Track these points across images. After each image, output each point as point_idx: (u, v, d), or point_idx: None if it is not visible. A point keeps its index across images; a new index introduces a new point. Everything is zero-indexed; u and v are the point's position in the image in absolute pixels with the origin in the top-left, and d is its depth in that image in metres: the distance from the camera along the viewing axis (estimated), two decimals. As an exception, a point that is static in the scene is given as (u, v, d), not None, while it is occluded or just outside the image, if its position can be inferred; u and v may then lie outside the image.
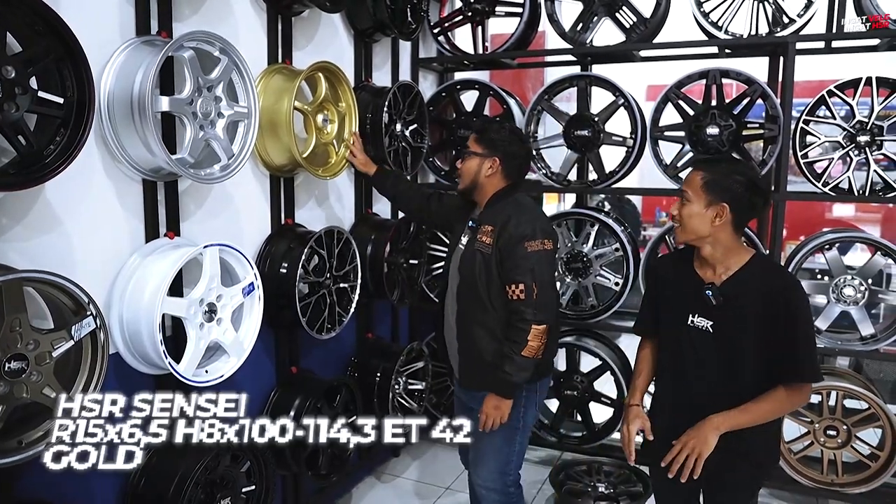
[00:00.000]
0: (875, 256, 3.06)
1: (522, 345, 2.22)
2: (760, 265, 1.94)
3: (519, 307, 2.24)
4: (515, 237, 2.26)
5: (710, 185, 1.89)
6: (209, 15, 2.34)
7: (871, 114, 2.95)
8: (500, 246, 2.28)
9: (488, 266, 2.30)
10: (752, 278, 1.90)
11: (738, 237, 1.94)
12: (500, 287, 2.29)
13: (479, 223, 2.38)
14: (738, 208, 1.88)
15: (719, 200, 1.88)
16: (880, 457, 3.08)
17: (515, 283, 2.24)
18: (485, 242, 2.31)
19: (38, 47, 1.62)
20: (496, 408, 2.29)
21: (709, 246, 1.93)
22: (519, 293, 2.24)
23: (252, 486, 2.35)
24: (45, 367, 1.66)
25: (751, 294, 1.88)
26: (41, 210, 1.83)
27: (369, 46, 3.27)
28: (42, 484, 1.88)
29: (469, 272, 2.34)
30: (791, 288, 1.86)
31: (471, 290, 2.35)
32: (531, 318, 2.22)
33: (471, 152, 2.42)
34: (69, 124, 1.70)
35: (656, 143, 3.30)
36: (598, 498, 3.16)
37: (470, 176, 2.42)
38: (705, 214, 1.89)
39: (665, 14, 3.35)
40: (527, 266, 2.24)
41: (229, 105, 2.18)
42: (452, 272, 2.46)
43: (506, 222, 2.28)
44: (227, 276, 2.26)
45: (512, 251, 2.25)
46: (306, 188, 2.93)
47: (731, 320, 1.92)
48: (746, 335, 1.89)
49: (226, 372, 2.21)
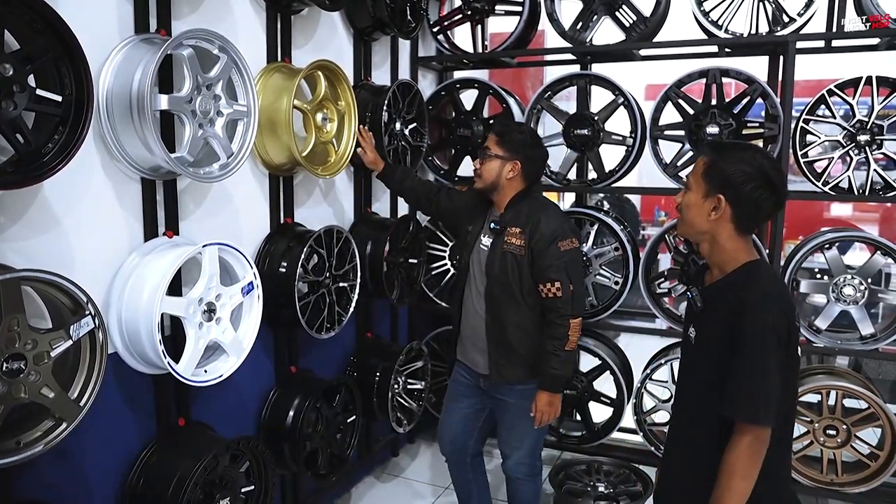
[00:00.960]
0: (875, 256, 3.06)
1: (564, 340, 2.38)
2: (746, 274, 1.63)
3: (556, 304, 2.38)
4: (548, 237, 2.39)
5: (711, 171, 1.63)
6: (208, 13, 2.33)
7: (871, 113, 2.95)
8: (533, 246, 2.40)
9: (521, 266, 2.42)
10: (730, 287, 1.64)
11: (742, 238, 1.65)
12: (532, 285, 2.42)
13: (504, 225, 2.48)
14: (738, 203, 1.60)
15: (717, 191, 1.61)
16: (880, 456, 3.07)
17: (551, 281, 2.38)
18: (515, 244, 2.43)
19: (37, 45, 1.61)
20: (550, 404, 2.45)
21: (707, 244, 1.69)
22: (556, 291, 2.38)
23: (251, 486, 2.34)
24: (44, 366, 1.64)
25: (723, 305, 1.62)
26: (39, 209, 1.82)
27: (368, 45, 3.26)
28: (40, 485, 1.87)
29: (501, 273, 2.45)
30: (749, 307, 1.54)
31: (504, 291, 2.46)
32: (569, 314, 2.38)
33: (493, 154, 2.50)
34: (67, 122, 1.68)
35: (656, 142, 3.30)
36: (597, 497, 3.16)
37: (491, 177, 2.50)
38: (702, 206, 1.64)
39: (665, 13, 3.34)
40: (561, 264, 2.38)
41: (228, 103, 2.17)
42: (476, 273, 2.56)
43: (537, 223, 2.41)
44: (227, 275, 2.25)
45: (545, 251, 2.38)
46: (305, 187, 2.92)
47: (706, 332, 1.70)
48: (712, 352, 1.63)
49: (225, 372, 2.20)
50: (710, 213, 1.63)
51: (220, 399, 2.47)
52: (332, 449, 2.85)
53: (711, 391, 1.60)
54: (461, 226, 2.73)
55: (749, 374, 1.52)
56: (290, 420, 2.64)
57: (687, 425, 1.76)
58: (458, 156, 3.76)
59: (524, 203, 2.49)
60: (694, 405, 1.71)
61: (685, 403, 1.79)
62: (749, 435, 1.52)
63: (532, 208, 2.46)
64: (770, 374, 1.51)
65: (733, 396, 1.54)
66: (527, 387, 2.52)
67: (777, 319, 1.53)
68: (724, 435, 1.57)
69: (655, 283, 3.43)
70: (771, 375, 1.51)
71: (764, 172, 1.58)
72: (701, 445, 1.66)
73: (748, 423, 1.52)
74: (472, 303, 2.58)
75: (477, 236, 2.57)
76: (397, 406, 3.32)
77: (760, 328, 1.52)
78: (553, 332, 2.40)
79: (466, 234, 2.65)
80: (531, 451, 2.65)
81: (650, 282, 3.43)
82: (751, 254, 1.67)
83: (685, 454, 1.75)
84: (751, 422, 1.52)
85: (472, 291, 2.57)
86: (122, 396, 2.12)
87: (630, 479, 3.31)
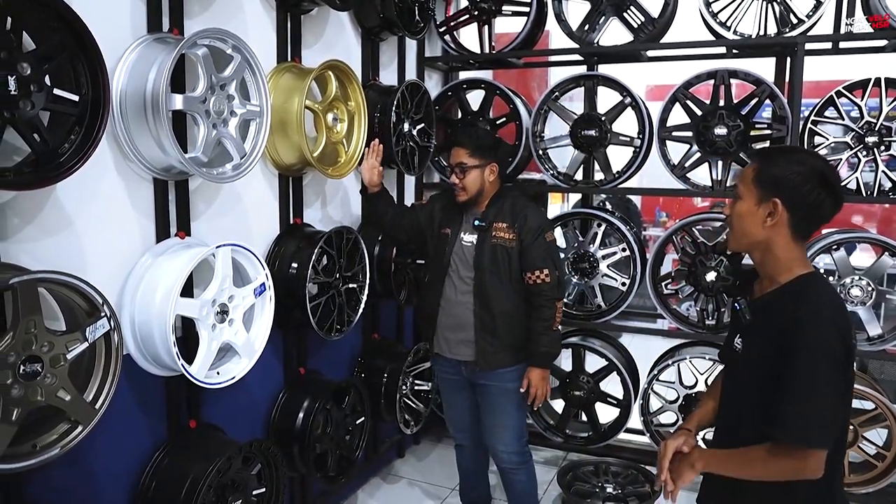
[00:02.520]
0: (883, 257, 3.06)
1: (552, 321, 2.61)
2: (801, 286, 1.53)
3: (543, 289, 2.59)
4: (535, 230, 2.60)
5: (763, 176, 1.53)
6: (219, 12, 2.31)
7: (880, 115, 2.96)
8: (523, 238, 2.59)
9: (511, 257, 2.60)
10: (783, 300, 1.54)
11: (797, 246, 1.55)
12: (519, 275, 2.61)
13: (489, 222, 2.62)
14: (796, 205, 1.50)
15: (772, 195, 1.51)
16: (887, 457, 3.08)
17: (539, 269, 2.59)
18: (505, 238, 2.60)
19: (53, 43, 1.60)
20: (543, 378, 2.65)
21: (759, 253, 1.59)
22: (544, 277, 2.59)
23: (262, 488, 2.32)
24: (60, 369, 1.62)
25: (774, 319, 1.53)
26: (52, 210, 1.80)
27: (376, 45, 3.25)
28: (51, 488, 1.85)
29: (492, 264, 2.60)
30: (804, 325, 1.45)
31: (494, 281, 2.60)
32: (556, 297, 2.61)
33: (470, 166, 2.61)
34: (84, 122, 1.67)
35: (664, 143, 3.29)
36: (606, 499, 3.15)
37: (476, 187, 2.63)
38: (757, 213, 1.54)
39: (673, 14, 3.34)
40: (547, 254, 2.61)
41: (242, 103, 2.15)
42: (459, 268, 2.67)
43: (525, 219, 2.60)
44: (239, 276, 2.24)
45: (533, 242, 2.59)
46: (314, 188, 2.90)
47: (754, 345, 1.61)
48: (758, 367, 1.56)
49: (237, 373, 2.19)
50: (765, 219, 1.53)
51: (230, 401, 2.46)
52: (342, 451, 2.84)
53: (757, 406, 1.54)
54: (427, 235, 2.82)
55: (801, 395, 1.43)
56: (299, 422, 2.63)
57: (731, 438, 1.68)
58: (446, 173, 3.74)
59: (503, 200, 2.66)
60: (739, 418, 1.65)
61: (730, 416, 1.72)
62: (792, 458, 1.45)
63: (515, 205, 2.64)
64: (826, 396, 1.43)
65: (784, 418, 1.45)
66: (507, 370, 2.67)
67: (833, 338, 1.44)
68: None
69: (663, 285, 3.43)
70: (827, 398, 1.43)
71: (819, 171, 1.50)
72: None
73: (798, 445, 1.44)
74: (453, 296, 2.68)
75: (457, 235, 2.69)
76: (405, 407, 3.31)
77: (816, 347, 1.43)
78: (541, 315, 2.60)
79: (440, 238, 2.74)
80: (517, 434, 2.76)
81: (657, 283, 3.42)
82: (806, 264, 1.57)
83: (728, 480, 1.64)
84: (801, 445, 1.43)
85: (455, 285, 2.68)
86: (134, 398, 2.10)
87: (638, 480, 3.30)
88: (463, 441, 2.96)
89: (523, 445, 2.80)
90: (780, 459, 1.46)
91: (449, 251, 2.69)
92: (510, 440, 2.75)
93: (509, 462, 2.77)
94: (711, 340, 3.37)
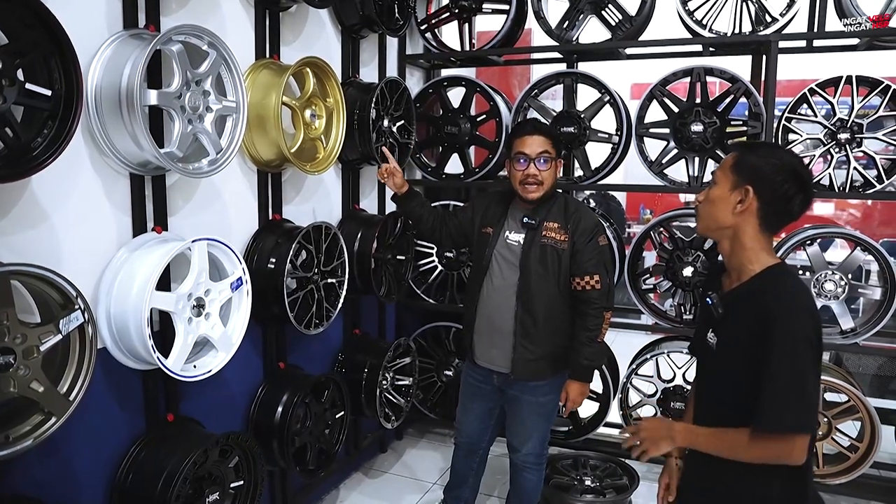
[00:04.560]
0: (855, 252, 3.12)
1: (597, 332, 2.47)
2: (771, 280, 1.57)
3: (592, 296, 2.45)
4: (589, 232, 2.47)
5: (740, 164, 1.59)
6: (196, 9, 2.33)
7: (852, 112, 3.01)
8: (576, 240, 2.46)
9: (561, 259, 2.46)
10: (755, 293, 1.57)
11: (765, 237, 1.60)
12: (567, 279, 2.48)
13: (539, 220, 2.50)
14: (767, 195, 1.55)
15: (745, 182, 1.56)
16: (859, 448, 3.14)
17: (590, 274, 2.45)
18: (556, 238, 2.47)
19: (26, 39, 1.61)
20: (581, 393, 2.55)
21: (727, 241, 1.63)
22: (594, 283, 2.45)
23: (240, 481, 2.34)
24: (33, 361, 1.64)
25: (749, 312, 1.56)
26: (27, 204, 1.81)
27: (357, 42, 3.27)
28: (28, 480, 1.87)
29: (540, 266, 2.47)
30: (779, 317, 1.48)
31: (541, 283, 2.48)
32: (605, 306, 2.47)
33: (552, 157, 2.51)
34: (57, 117, 1.68)
35: (641, 139, 3.34)
36: (584, 491, 3.19)
37: (552, 182, 2.52)
38: (729, 198, 1.59)
39: (650, 12, 3.38)
40: (601, 259, 2.47)
41: (218, 99, 2.17)
42: (502, 268, 2.54)
43: (578, 220, 2.48)
44: (216, 270, 2.25)
45: (586, 245, 2.46)
46: (293, 183, 2.92)
47: (728, 339, 1.63)
48: (737, 360, 1.58)
49: (214, 367, 2.20)
50: (735, 205, 1.58)
51: (208, 394, 2.48)
52: (321, 445, 2.86)
53: (736, 399, 1.57)
54: (472, 234, 2.71)
55: (786, 382, 1.47)
56: (278, 416, 2.65)
57: None
58: (445, 153, 3.78)
59: (554, 199, 2.55)
60: (717, 413, 1.67)
61: (707, 411, 1.74)
62: (770, 445, 1.49)
63: (568, 205, 2.53)
64: (809, 381, 1.47)
65: (770, 406, 1.48)
66: (541, 384, 2.57)
67: (809, 325, 1.49)
68: None
69: (641, 280, 3.48)
70: (810, 382, 1.48)
71: (794, 168, 1.55)
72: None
73: (787, 432, 1.47)
74: (494, 297, 2.55)
75: (499, 234, 2.57)
76: (385, 402, 3.34)
77: (792, 338, 1.47)
78: (587, 324, 2.46)
79: (480, 238, 2.64)
80: (541, 441, 2.71)
81: (636, 278, 3.47)
82: (772, 256, 1.61)
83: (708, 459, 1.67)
84: (790, 431, 1.47)
85: (494, 287, 2.55)
86: (111, 392, 2.12)
87: (616, 473, 3.34)
88: (461, 443, 2.90)
89: (544, 449, 2.76)
90: (766, 444, 1.49)
91: (490, 252, 2.57)
92: (532, 445, 2.70)
93: (525, 462, 2.73)
94: (688, 335, 3.41)
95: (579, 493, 3.17)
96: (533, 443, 2.69)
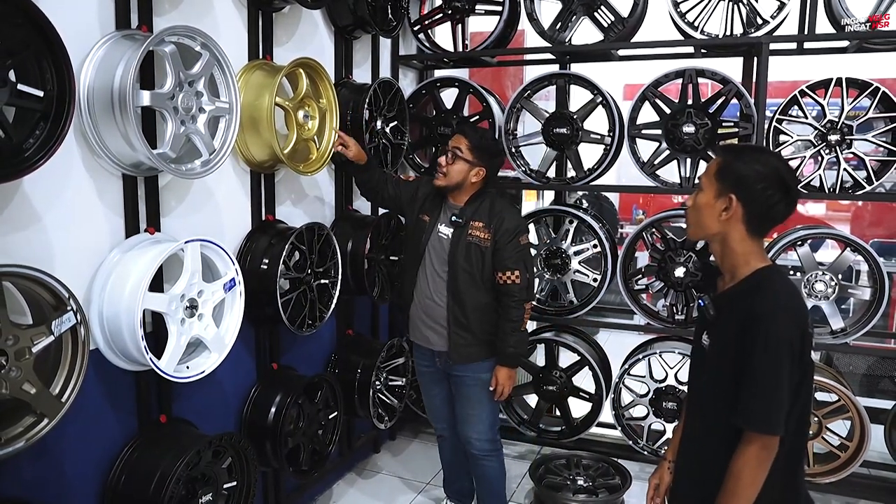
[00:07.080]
0: (845, 252, 3.14)
1: (520, 322, 2.67)
2: (758, 281, 1.60)
3: (512, 290, 2.65)
4: (511, 232, 2.65)
5: (724, 171, 1.60)
6: (189, 10, 2.33)
7: (842, 113, 3.03)
8: (498, 239, 2.64)
9: (484, 256, 2.66)
10: (742, 296, 1.60)
11: (753, 241, 1.62)
12: (491, 273, 2.67)
13: (466, 219, 2.68)
14: (750, 203, 1.57)
15: (729, 190, 1.58)
16: (849, 447, 3.16)
17: (511, 270, 2.64)
18: (480, 237, 2.66)
19: (17, 39, 1.60)
20: (509, 377, 2.73)
21: (718, 245, 1.65)
22: (514, 278, 2.64)
23: (233, 482, 2.34)
24: (25, 362, 1.64)
25: (735, 313, 1.59)
26: (19, 205, 1.81)
27: (350, 43, 3.27)
28: (21, 482, 1.86)
29: (465, 262, 2.66)
30: (761, 318, 1.52)
31: (467, 278, 2.67)
32: (525, 298, 2.67)
33: (463, 158, 2.68)
34: (49, 118, 1.68)
35: (634, 141, 3.35)
36: (576, 491, 3.20)
37: (456, 178, 2.70)
38: (714, 206, 1.60)
39: (642, 14, 3.40)
40: (520, 256, 2.67)
41: (210, 100, 2.17)
42: (434, 260, 2.74)
43: (502, 220, 2.66)
44: (209, 271, 2.25)
45: (507, 244, 2.64)
46: (287, 184, 2.92)
47: (719, 341, 1.66)
48: (725, 361, 1.61)
49: (207, 368, 2.20)
50: (721, 213, 1.60)
51: (201, 395, 2.47)
52: (314, 445, 2.86)
53: (725, 400, 1.59)
54: (407, 214, 2.92)
55: (761, 385, 1.51)
56: (271, 416, 2.65)
57: (701, 433, 1.74)
58: (438, 154, 3.78)
59: (482, 200, 2.72)
60: (708, 413, 1.70)
61: (699, 411, 1.76)
62: (757, 444, 1.53)
63: (494, 206, 2.70)
64: (781, 385, 1.50)
65: (745, 407, 1.53)
66: (481, 363, 2.74)
67: (789, 330, 1.51)
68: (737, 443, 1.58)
69: (633, 280, 3.49)
70: (782, 386, 1.50)
71: (778, 174, 1.56)
72: (716, 453, 1.63)
73: (757, 431, 1.52)
74: (426, 286, 2.76)
75: (434, 225, 2.75)
76: (378, 402, 3.34)
77: (773, 340, 1.50)
78: (510, 315, 2.65)
79: (418, 223, 2.81)
80: (490, 424, 2.84)
81: (628, 278, 3.48)
82: (763, 259, 1.63)
83: (699, 461, 1.72)
84: (760, 431, 1.52)
85: (427, 276, 2.75)
86: (104, 393, 2.11)
87: (609, 473, 3.35)
88: (443, 431, 3.04)
89: (495, 434, 2.88)
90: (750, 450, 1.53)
91: (425, 240, 2.75)
92: (483, 429, 2.82)
93: (481, 449, 2.84)
94: (680, 335, 3.44)
95: (572, 492, 3.19)
96: (483, 426, 2.82)
